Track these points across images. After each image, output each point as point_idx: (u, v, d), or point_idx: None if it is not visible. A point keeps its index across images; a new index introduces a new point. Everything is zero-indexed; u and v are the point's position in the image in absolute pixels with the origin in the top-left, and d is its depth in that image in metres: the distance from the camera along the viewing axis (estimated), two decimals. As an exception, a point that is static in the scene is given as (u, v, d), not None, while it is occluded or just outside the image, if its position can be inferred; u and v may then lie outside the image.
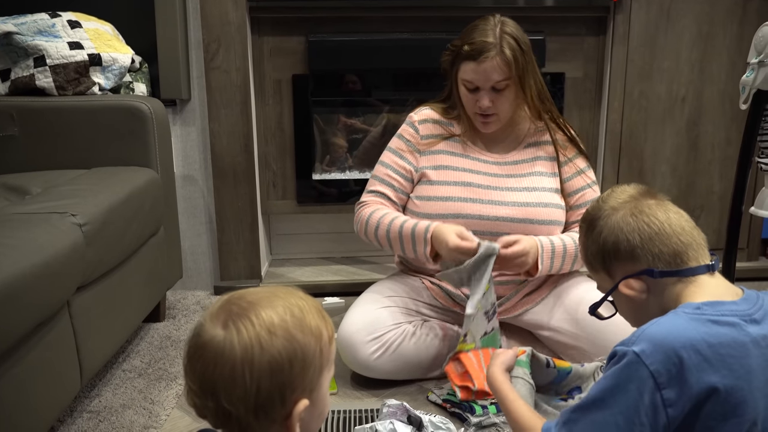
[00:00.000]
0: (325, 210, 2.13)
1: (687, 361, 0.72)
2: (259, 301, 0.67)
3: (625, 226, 0.84)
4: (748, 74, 1.30)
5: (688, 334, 0.74)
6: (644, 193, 0.88)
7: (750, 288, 0.84)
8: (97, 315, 1.30)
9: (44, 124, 1.65)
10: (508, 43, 1.37)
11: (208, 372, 0.64)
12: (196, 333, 0.67)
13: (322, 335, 0.69)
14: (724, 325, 0.75)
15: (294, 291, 0.71)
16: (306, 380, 0.67)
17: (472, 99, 1.42)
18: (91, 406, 1.37)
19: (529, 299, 1.49)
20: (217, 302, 0.69)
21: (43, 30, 1.71)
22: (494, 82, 1.38)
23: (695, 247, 0.83)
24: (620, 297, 0.87)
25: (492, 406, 1.28)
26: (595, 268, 0.90)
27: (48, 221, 1.17)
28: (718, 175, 2.09)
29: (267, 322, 0.65)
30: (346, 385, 1.43)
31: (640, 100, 2.02)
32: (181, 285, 2.00)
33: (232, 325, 0.65)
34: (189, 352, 0.67)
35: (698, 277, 0.82)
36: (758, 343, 0.75)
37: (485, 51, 1.36)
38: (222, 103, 1.92)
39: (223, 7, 1.86)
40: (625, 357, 0.75)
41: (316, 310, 0.70)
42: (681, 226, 0.83)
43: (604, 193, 0.91)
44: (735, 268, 1.46)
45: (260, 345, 0.64)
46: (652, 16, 1.97)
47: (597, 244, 0.87)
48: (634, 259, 0.84)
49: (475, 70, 1.38)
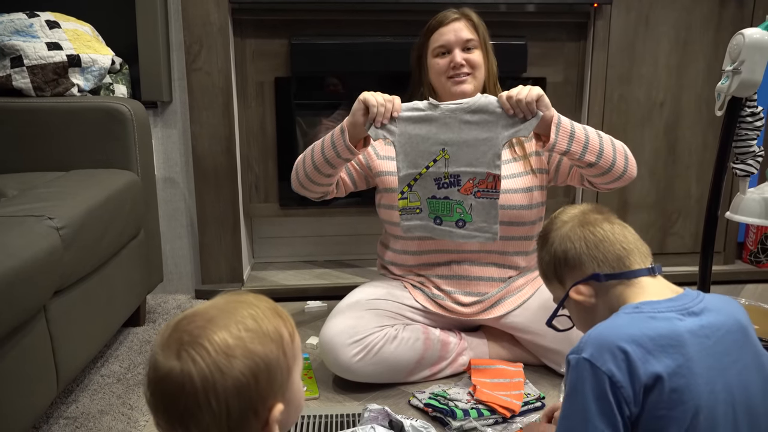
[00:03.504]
0: (307, 213, 2.13)
1: (632, 355, 0.77)
2: (209, 324, 0.64)
3: (573, 235, 0.93)
4: (723, 81, 1.32)
5: (629, 331, 0.79)
6: (592, 209, 0.97)
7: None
8: (75, 320, 1.28)
9: (21, 126, 1.63)
10: (469, 11, 1.51)
11: (172, 406, 0.62)
12: (152, 367, 0.64)
13: (282, 337, 0.67)
14: (661, 320, 0.81)
15: (242, 298, 0.68)
16: (275, 387, 0.65)
17: (445, 63, 1.48)
18: (68, 412, 1.35)
19: (511, 301, 1.50)
20: (164, 330, 0.65)
21: (20, 30, 1.69)
22: (464, 40, 1.47)
23: (637, 254, 0.90)
24: (572, 304, 0.95)
25: (473, 410, 1.28)
26: (550, 279, 0.98)
27: (24, 224, 1.15)
28: (695, 179, 2.12)
29: (222, 346, 0.62)
30: (328, 389, 1.43)
31: (620, 105, 2.05)
32: (161, 288, 1.98)
33: (186, 355, 0.62)
34: (149, 387, 0.64)
35: (640, 279, 0.89)
36: (695, 332, 0.80)
37: (450, 16, 1.49)
38: (204, 105, 1.91)
39: (204, 9, 1.85)
40: (578, 365, 0.79)
41: (270, 310, 0.68)
42: (624, 235, 0.92)
43: (557, 211, 1.01)
44: (711, 271, 1.48)
45: (220, 370, 0.61)
46: (631, 22, 2.00)
47: (549, 254, 0.96)
48: (582, 265, 0.92)
49: (444, 32, 1.48)
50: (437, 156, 1.33)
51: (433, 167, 1.34)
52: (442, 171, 1.33)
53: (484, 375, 1.41)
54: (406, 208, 1.37)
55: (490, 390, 1.34)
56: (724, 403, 0.79)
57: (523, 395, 1.34)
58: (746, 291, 2.03)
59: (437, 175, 1.34)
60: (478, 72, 1.48)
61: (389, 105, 1.32)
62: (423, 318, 1.50)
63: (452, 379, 1.47)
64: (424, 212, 1.36)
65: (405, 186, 1.36)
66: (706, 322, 0.82)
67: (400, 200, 1.37)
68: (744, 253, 2.21)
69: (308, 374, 1.48)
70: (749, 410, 0.81)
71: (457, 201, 1.34)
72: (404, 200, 1.37)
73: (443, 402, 1.32)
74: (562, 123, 1.31)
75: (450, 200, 1.34)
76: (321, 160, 1.41)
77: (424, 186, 1.35)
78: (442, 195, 1.34)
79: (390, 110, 1.32)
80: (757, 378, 0.83)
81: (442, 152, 1.33)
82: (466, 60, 1.46)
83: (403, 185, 1.36)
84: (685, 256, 2.12)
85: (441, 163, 1.33)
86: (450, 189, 1.34)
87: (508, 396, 1.33)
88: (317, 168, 1.43)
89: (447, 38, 1.47)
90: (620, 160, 1.35)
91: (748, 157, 1.37)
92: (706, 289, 1.47)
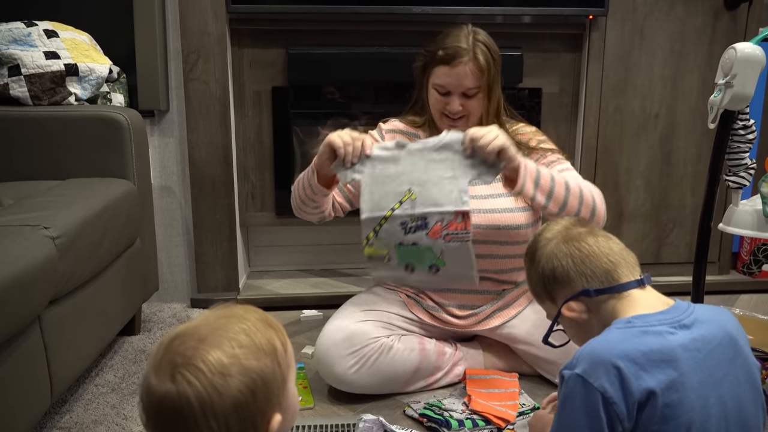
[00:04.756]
0: (303, 222, 2.11)
1: (625, 371, 0.77)
2: (202, 344, 0.63)
3: (559, 252, 0.93)
4: (716, 94, 1.34)
5: (622, 347, 0.79)
6: (575, 223, 0.97)
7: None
8: (70, 329, 1.28)
9: (18, 135, 1.63)
10: (481, 50, 1.41)
11: (170, 428, 0.62)
12: (147, 391, 0.63)
13: (276, 349, 0.66)
14: (653, 334, 0.81)
15: (231, 312, 0.68)
16: (273, 399, 0.65)
17: (442, 102, 1.45)
18: (62, 422, 1.35)
19: (506, 312, 1.50)
20: (157, 351, 0.64)
21: (18, 39, 1.69)
22: (465, 88, 1.42)
23: (624, 266, 0.90)
24: (566, 321, 0.94)
25: (468, 421, 1.28)
26: (541, 297, 0.98)
27: (20, 234, 1.15)
28: (689, 190, 2.13)
29: (217, 366, 0.62)
30: (323, 399, 1.43)
31: (615, 116, 2.07)
32: (157, 297, 1.97)
33: (181, 377, 0.61)
34: (146, 411, 0.63)
35: (630, 292, 0.89)
36: (687, 347, 0.80)
37: (459, 56, 1.40)
38: (201, 114, 1.92)
39: (202, 18, 1.86)
40: (570, 381, 0.79)
41: (261, 322, 0.67)
42: (609, 248, 0.91)
43: (541, 228, 1.01)
44: (705, 281, 1.49)
45: (217, 391, 0.61)
46: (626, 33, 2.01)
47: (538, 273, 0.95)
48: (571, 282, 0.91)
49: (448, 74, 1.41)
50: (403, 197, 1.25)
51: (399, 209, 1.25)
52: (408, 213, 1.24)
53: (479, 385, 1.41)
54: (373, 256, 1.28)
55: (485, 400, 1.34)
56: (717, 417, 0.80)
57: (518, 405, 1.34)
58: (741, 301, 2.04)
59: (403, 219, 1.25)
60: (473, 116, 1.46)
61: (357, 144, 1.28)
62: (418, 329, 1.50)
63: (447, 389, 1.47)
64: (394, 260, 1.26)
65: (371, 232, 1.26)
66: (698, 335, 0.82)
67: (366, 247, 1.27)
68: (738, 264, 2.22)
69: (303, 384, 1.48)
70: (741, 422, 0.82)
71: (427, 246, 1.24)
72: (370, 247, 1.27)
73: (438, 412, 1.32)
74: (529, 171, 1.28)
75: (419, 246, 1.25)
76: (303, 195, 1.44)
77: (390, 232, 1.25)
78: (410, 241, 1.24)
79: (358, 149, 1.28)
80: (748, 389, 0.83)
81: (408, 192, 1.26)
82: (462, 105, 1.43)
83: (368, 230, 1.26)
84: (680, 266, 2.12)
85: (407, 204, 1.25)
86: (418, 234, 1.24)
87: (503, 406, 1.33)
88: (303, 201, 1.45)
89: (449, 81, 1.42)
90: (584, 212, 1.34)
91: (740, 169, 1.38)
92: (700, 299, 1.48)
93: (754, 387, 0.84)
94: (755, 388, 0.84)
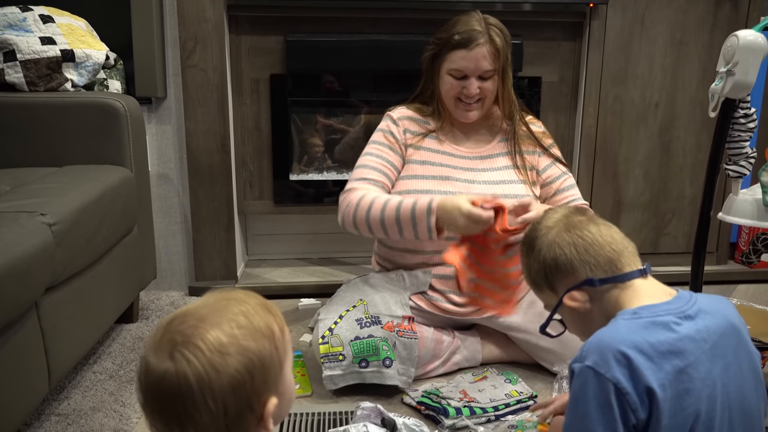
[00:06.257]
0: (302, 210, 2.12)
1: (635, 361, 0.76)
2: (201, 323, 0.63)
3: (561, 241, 0.90)
4: (717, 83, 1.33)
5: (630, 337, 0.78)
6: (574, 211, 0.95)
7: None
8: (67, 316, 1.28)
9: (14, 121, 1.62)
10: (495, 32, 1.45)
11: (168, 408, 0.62)
12: (145, 371, 0.63)
13: (273, 332, 0.67)
14: (660, 325, 0.80)
15: (231, 295, 0.68)
16: (269, 382, 0.66)
17: (458, 86, 1.46)
18: (60, 409, 1.35)
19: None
20: (156, 332, 0.64)
21: (13, 24, 1.67)
22: (482, 70, 1.44)
23: (627, 255, 0.89)
24: (566, 311, 0.93)
25: (465, 408, 1.29)
26: (540, 286, 0.95)
27: (16, 220, 1.15)
28: (689, 180, 2.13)
29: (216, 344, 0.62)
30: (321, 386, 1.43)
31: (615, 105, 2.06)
32: (155, 285, 1.97)
33: (179, 356, 0.61)
34: (143, 391, 0.63)
35: (633, 281, 0.88)
36: (693, 337, 0.80)
37: (475, 39, 1.43)
38: (198, 101, 1.90)
39: (200, 5, 1.84)
40: (582, 374, 0.78)
41: (260, 306, 0.68)
42: (611, 236, 0.90)
43: (540, 216, 0.98)
44: (703, 271, 1.49)
45: (215, 369, 0.61)
46: (627, 22, 2.00)
47: (538, 262, 0.93)
48: (574, 271, 0.89)
49: (465, 57, 1.43)
50: (356, 303, 1.40)
51: (352, 311, 1.38)
52: (363, 312, 1.37)
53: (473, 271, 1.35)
54: (327, 354, 1.34)
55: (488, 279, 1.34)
56: (721, 406, 0.79)
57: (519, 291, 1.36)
58: (738, 291, 2.04)
59: (358, 317, 1.36)
60: (487, 99, 1.49)
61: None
62: (417, 316, 1.50)
63: (445, 377, 1.47)
64: (348, 359, 1.33)
65: (326, 330, 1.35)
66: (702, 326, 0.81)
67: (321, 345, 1.34)
68: (736, 254, 2.22)
69: (301, 372, 1.48)
70: (744, 411, 0.81)
71: (382, 338, 1.34)
72: (325, 345, 1.34)
73: (436, 400, 1.32)
74: None
75: (374, 338, 1.33)
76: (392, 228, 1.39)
77: (346, 328, 1.35)
78: (365, 334, 1.33)
79: None
80: (750, 378, 0.83)
81: (360, 301, 1.40)
82: (479, 88, 1.45)
83: (323, 329, 1.36)
84: (678, 256, 2.13)
85: (360, 308, 1.38)
86: (373, 327, 1.34)
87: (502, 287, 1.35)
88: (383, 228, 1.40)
89: (466, 65, 1.44)
90: None
91: (740, 158, 1.38)
92: (698, 289, 1.48)
93: (756, 376, 0.84)
94: (757, 377, 0.84)
